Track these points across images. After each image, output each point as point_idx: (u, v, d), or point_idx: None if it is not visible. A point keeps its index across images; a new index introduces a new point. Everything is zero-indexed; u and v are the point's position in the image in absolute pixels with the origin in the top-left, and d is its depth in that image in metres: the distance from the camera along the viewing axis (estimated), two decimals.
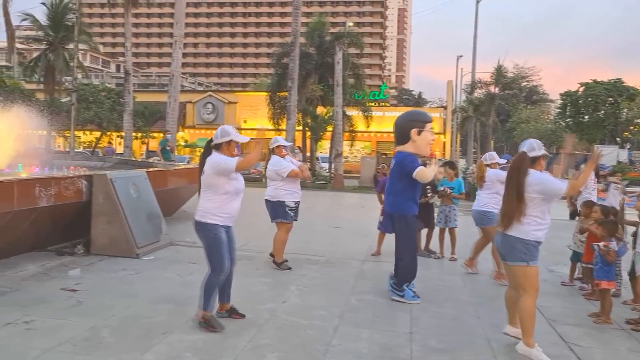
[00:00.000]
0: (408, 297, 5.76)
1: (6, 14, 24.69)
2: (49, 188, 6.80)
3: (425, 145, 5.83)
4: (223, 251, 4.68)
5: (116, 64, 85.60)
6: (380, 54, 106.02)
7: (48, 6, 35.38)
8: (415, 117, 6.00)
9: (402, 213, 5.83)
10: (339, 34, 29.80)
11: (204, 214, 4.66)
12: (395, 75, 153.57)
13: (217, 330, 4.59)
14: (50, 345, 4.15)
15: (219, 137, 4.70)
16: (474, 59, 37.43)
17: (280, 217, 7.10)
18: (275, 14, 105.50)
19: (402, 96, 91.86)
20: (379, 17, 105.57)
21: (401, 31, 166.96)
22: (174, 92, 21.27)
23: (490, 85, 48.44)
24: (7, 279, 6.00)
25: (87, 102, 34.09)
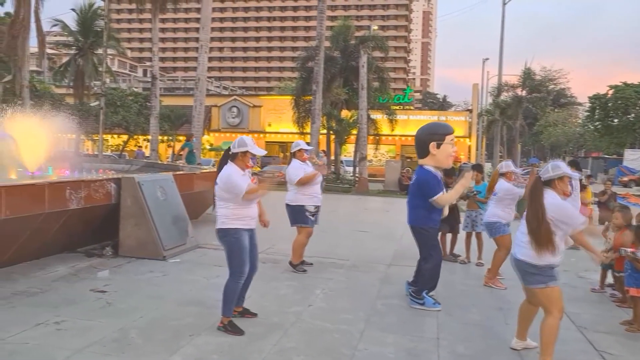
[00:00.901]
0: (429, 304, 5.68)
1: (37, 20, 25.18)
2: (79, 191, 6.92)
3: (445, 158, 5.72)
4: (244, 256, 4.72)
5: (143, 69, 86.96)
6: (405, 57, 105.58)
7: (78, 12, 36.11)
8: (434, 130, 5.87)
9: (422, 226, 5.73)
10: (364, 37, 29.76)
11: (224, 220, 4.70)
12: (420, 78, 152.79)
13: (237, 334, 4.62)
14: (81, 346, 4.22)
15: (236, 146, 4.74)
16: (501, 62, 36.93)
17: (300, 222, 7.09)
18: (300, 18, 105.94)
19: (427, 99, 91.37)
20: (404, 20, 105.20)
21: (426, 34, 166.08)
22: (200, 96, 21.47)
23: (518, 88, 47.86)
24: (38, 280, 6.12)
25: (115, 106, 34.67)
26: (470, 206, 8.21)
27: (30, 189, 6.37)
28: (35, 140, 12.25)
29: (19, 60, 24.56)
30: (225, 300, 4.70)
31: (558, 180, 4.21)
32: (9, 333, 4.40)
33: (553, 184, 4.22)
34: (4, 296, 5.42)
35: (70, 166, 13.51)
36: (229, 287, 4.71)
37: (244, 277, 4.76)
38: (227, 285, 4.72)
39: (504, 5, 37.43)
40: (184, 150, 18.20)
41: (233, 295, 4.74)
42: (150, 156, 25.82)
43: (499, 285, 6.75)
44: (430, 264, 5.74)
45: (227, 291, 4.71)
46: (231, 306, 4.74)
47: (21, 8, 23.83)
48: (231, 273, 4.72)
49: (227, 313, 4.72)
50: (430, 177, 5.62)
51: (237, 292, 4.79)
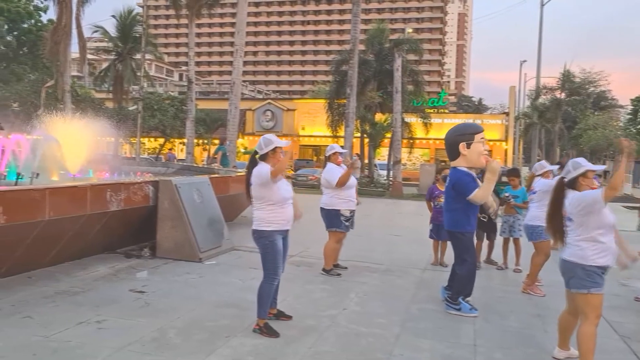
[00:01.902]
0: (465, 310, 5.59)
1: (78, 26, 25.93)
2: (119, 193, 7.08)
3: (477, 157, 5.62)
4: (278, 259, 4.75)
5: (179, 73, 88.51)
6: (440, 60, 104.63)
7: (117, 18, 37.01)
8: (462, 130, 5.81)
9: (459, 230, 5.65)
10: (398, 40, 29.64)
11: (259, 222, 4.73)
12: (455, 81, 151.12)
13: (273, 336, 4.64)
14: (121, 345, 4.31)
15: (263, 146, 4.75)
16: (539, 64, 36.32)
17: (334, 226, 7.06)
18: (334, 21, 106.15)
19: (462, 103, 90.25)
20: (439, 22, 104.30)
21: (461, 36, 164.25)
22: (235, 99, 21.71)
23: (556, 90, 46.85)
24: (79, 280, 6.28)
25: (152, 110, 35.36)
26: (507, 211, 8.07)
27: (73, 191, 6.55)
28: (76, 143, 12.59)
29: (61, 66, 25.35)
30: (260, 302, 4.74)
31: (582, 177, 4.16)
32: (53, 331, 4.53)
33: (577, 184, 4.16)
34: (47, 295, 5.58)
35: (109, 169, 13.82)
36: (264, 288, 4.75)
37: (277, 279, 4.80)
38: (261, 287, 4.76)
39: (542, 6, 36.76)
40: (218, 154, 18.43)
41: (268, 297, 4.78)
42: (186, 159, 26.25)
43: (537, 292, 6.59)
44: (465, 268, 5.66)
45: (262, 293, 4.75)
46: (266, 308, 4.77)
47: (63, 15, 24.59)
48: (265, 275, 4.76)
49: (263, 315, 4.75)
50: (463, 176, 5.56)
51: (271, 293, 4.83)
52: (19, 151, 11.58)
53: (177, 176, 10.06)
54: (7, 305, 5.15)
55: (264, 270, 4.77)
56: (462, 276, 5.67)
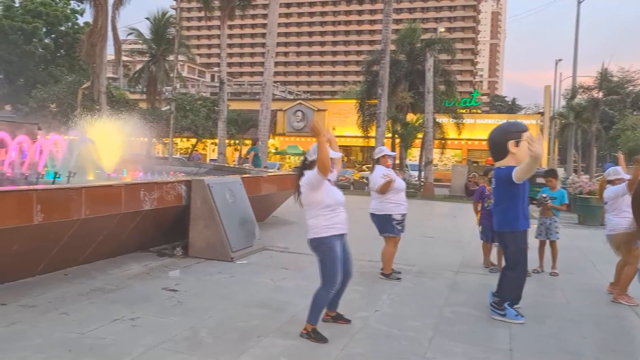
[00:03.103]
0: (510, 316, 5.43)
1: (114, 29, 26.44)
2: (153, 192, 7.16)
3: (526, 155, 5.51)
4: (337, 266, 4.61)
5: (211, 74, 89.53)
6: (472, 59, 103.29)
7: (151, 21, 37.63)
8: (509, 128, 5.65)
9: (511, 229, 5.46)
10: (430, 40, 29.37)
11: (315, 230, 4.61)
12: (488, 81, 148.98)
13: (320, 342, 4.56)
14: (154, 342, 4.35)
15: (312, 154, 4.70)
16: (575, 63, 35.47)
17: (388, 231, 6.97)
18: (365, 22, 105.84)
19: (495, 103, 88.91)
20: (471, 21, 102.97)
21: (494, 35, 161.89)
22: (266, 100, 21.82)
23: (594, 90, 45.70)
24: (114, 277, 6.37)
25: (185, 111, 35.81)
26: (544, 213, 7.86)
27: (107, 191, 6.65)
28: (111, 143, 12.83)
29: (97, 68, 25.87)
30: (314, 308, 4.63)
31: None
32: (88, 328, 4.60)
33: None
34: (83, 292, 5.68)
35: (142, 168, 14.04)
36: (320, 296, 4.62)
37: (336, 287, 4.64)
38: (318, 294, 4.63)
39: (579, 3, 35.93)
40: (250, 154, 18.55)
41: (323, 304, 4.67)
42: (217, 159, 26.50)
43: (630, 301, 6.22)
44: (516, 272, 5.47)
45: (317, 300, 4.62)
46: (318, 315, 4.65)
47: (99, 17, 25.08)
48: (324, 282, 4.62)
49: (313, 321, 4.64)
50: (505, 168, 5.36)
51: (327, 301, 4.72)
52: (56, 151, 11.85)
53: (209, 176, 10.14)
54: (44, 302, 5.25)
55: (322, 277, 4.63)
56: (511, 281, 5.47)
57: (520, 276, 5.50)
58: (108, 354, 4.10)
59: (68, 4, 41.60)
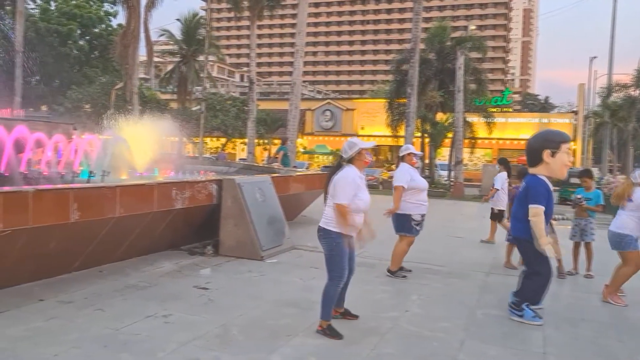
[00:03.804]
0: (528, 317, 5.33)
1: (146, 30, 26.91)
2: (184, 191, 7.26)
3: (560, 168, 5.32)
4: (344, 261, 4.69)
5: (240, 74, 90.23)
6: (504, 57, 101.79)
7: (182, 22, 38.14)
8: (548, 136, 5.51)
9: (528, 237, 5.34)
10: (461, 38, 29.08)
11: (328, 221, 4.69)
12: (520, 79, 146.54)
13: (336, 338, 4.60)
14: (186, 339, 4.41)
15: (348, 150, 4.72)
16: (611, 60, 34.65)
17: (405, 231, 6.95)
18: (394, 20, 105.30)
19: (527, 101, 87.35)
20: (503, 19, 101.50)
21: (526, 33, 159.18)
22: (295, 100, 21.90)
23: (630, 87, 44.49)
24: (146, 275, 6.48)
25: (215, 111, 36.23)
26: (579, 214, 7.69)
27: (141, 189, 6.77)
28: (143, 143, 13.03)
29: (129, 68, 26.35)
30: (324, 304, 4.70)
31: None
32: (123, 323, 4.69)
33: None
34: (117, 288, 5.79)
35: (173, 167, 14.23)
36: (328, 291, 4.70)
37: (343, 281, 4.74)
38: (326, 289, 4.72)
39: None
40: (279, 154, 18.64)
41: (332, 299, 4.73)
42: (247, 159, 26.72)
43: (619, 301, 6.18)
44: (539, 275, 5.36)
45: (326, 295, 4.71)
46: (330, 310, 4.73)
47: (132, 19, 25.54)
48: (330, 277, 4.71)
49: (326, 317, 4.71)
50: (541, 185, 5.26)
51: (336, 296, 4.78)
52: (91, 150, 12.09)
53: (240, 175, 10.22)
54: (80, 298, 5.37)
55: (329, 272, 4.72)
56: (532, 285, 5.37)
57: (544, 279, 5.37)
58: (142, 349, 4.17)
59: (102, 6, 42.50)
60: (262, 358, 4.15)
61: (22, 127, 8.98)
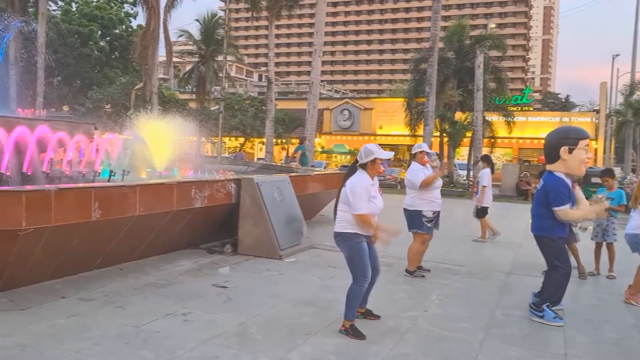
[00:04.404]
0: (548, 318, 5.27)
1: (165, 30, 27.14)
2: (203, 190, 7.31)
3: (577, 165, 5.27)
4: (365, 260, 4.68)
5: (258, 74, 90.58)
6: (524, 56, 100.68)
7: (201, 22, 38.40)
8: (566, 133, 5.44)
9: (548, 236, 5.31)
10: (480, 37, 28.83)
11: (343, 224, 4.69)
12: (540, 77, 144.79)
13: (359, 338, 4.58)
14: (206, 337, 4.44)
15: (363, 157, 4.72)
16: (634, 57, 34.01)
17: (416, 227, 6.92)
18: (412, 19, 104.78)
19: (547, 100, 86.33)
20: (523, 17, 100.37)
21: (547, 31, 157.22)
22: (313, 99, 21.90)
23: None
24: (166, 273, 6.54)
25: (233, 110, 36.38)
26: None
27: (161, 189, 6.82)
28: (162, 142, 13.14)
29: (149, 69, 26.60)
30: (349, 304, 4.68)
31: None
32: (143, 321, 4.74)
33: None
34: (137, 286, 5.85)
35: (192, 167, 14.33)
36: (353, 291, 4.68)
37: (367, 281, 4.71)
38: (351, 290, 4.69)
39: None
40: (297, 153, 18.66)
41: (357, 299, 4.71)
42: (265, 158, 26.80)
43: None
44: (556, 275, 5.33)
45: (351, 295, 4.68)
46: (354, 310, 4.71)
47: (152, 20, 25.77)
48: (354, 278, 4.69)
49: (350, 317, 4.69)
50: (560, 184, 5.20)
51: (361, 296, 4.76)
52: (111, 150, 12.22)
53: (258, 175, 10.25)
54: (101, 296, 5.44)
55: (353, 273, 4.70)
56: (552, 282, 5.34)
57: (562, 279, 5.33)
58: (162, 347, 4.21)
59: (122, 7, 42.98)
60: (281, 357, 4.15)
61: (45, 127, 9.09)
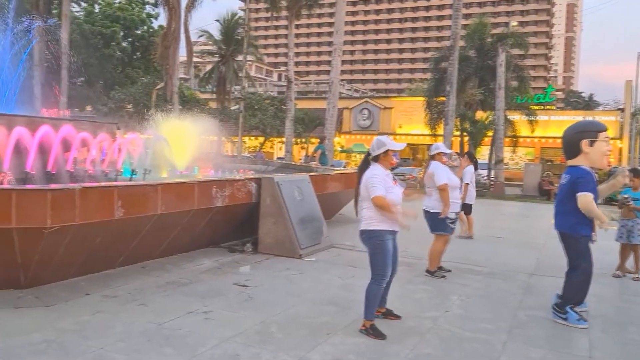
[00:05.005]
0: (572, 320, 5.20)
1: (186, 31, 27.39)
2: (224, 190, 7.35)
3: (600, 157, 5.21)
4: (387, 259, 4.67)
5: (278, 73, 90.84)
6: (546, 54, 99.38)
7: (221, 23, 38.63)
8: (585, 127, 5.41)
9: (572, 233, 5.23)
10: (502, 35, 28.52)
11: (368, 221, 4.68)
12: (563, 76, 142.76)
13: (379, 338, 4.57)
14: (227, 335, 4.46)
15: (375, 148, 4.73)
16: None
17: (439, 229, 6.87)
18: (432, 17, 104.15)
19: (570, 99, 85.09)
20: (545, 14, 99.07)
21: (570, 28, 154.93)
22: (333, 98, 21.89)
23: None
24: (187, 272, 6.59)
25: (253, 110, 36.52)
26: (626, 215, 7.43)
27: (182, 187, 6.88)
28: (183, 141, 13.25)
29: (170, 69, 26.86)
30: (368, 303, 4.67)
31: None
32: (165, 319, 4.78)
33: None
34: (159, 284, 5.91)
35: (213, 166, 14.42)
36: (372, 290, 4.67)
37: (385, 280, 4.72)
38: (369, 288, 4.69)
39: None
40: (317, 152, 18.64)
41: (376, 298, 4.70)
42: (284, 157, 26.87)
43: None
44: (578, 275, 5.24)
45: (370, 294, 4.67)
46: (373, 310, 4.70)
47: (173, 21, 26.03)
48: (374, 276, 4.69)
49: (370, 316, 4.68)
50: (585, 173, 5.14)
51: (379, 295, 4.75)
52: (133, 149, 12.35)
53: (278, 174, 10.27)
54: (124, 293, 5.50)
55: (372, 271, 4.70)
56: (574, 283, 5.27)
57: (584, 279, 5.24)
58: (184, 344, 4.24)
59: (143, 8, 43.41)
60: (301, 356, 4.16)
61: (69, 127, 9.24)
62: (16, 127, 8.33)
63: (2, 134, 8.18)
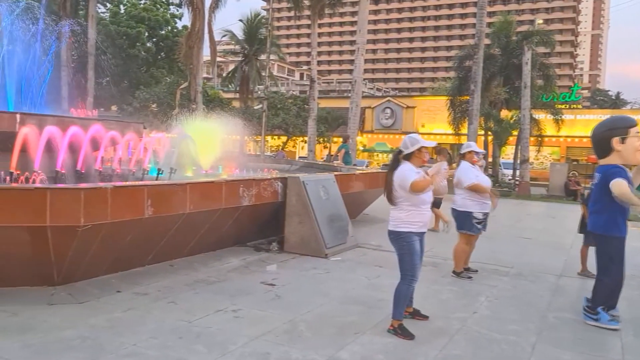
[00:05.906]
0: (603, 321, 5.12)
1: (210, 31, 27.60)
2: (251, 189, 7.40)
3: (633, 153, 5.10)
4: (415, 260, 4.68)
5: (300, 72, 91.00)
6: (572, 52, 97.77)
7: (244, 22, 38.87)
8: (614, 124, 5.29)
9: (607, 234, 5.14)
10: (527, 33, 28.20)
11: (397, 223, 4.69)
12: (589, 74, 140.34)
13: (408, 338, 4.57)
14: (256, 334, 4.50)
15: (409, 146, 4.71)
16: None
17: (465, 229, 6.81)
18: (455, 16, 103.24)
19: (597, 97, 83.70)
20: (571, 12, 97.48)
21: (596, 26, 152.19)
22: (356, 97, 21.87)
23: None
24: (215, 270, 6.66)
25: (276, 109, 36.69)
26: None
27: (210, 187, 6.95)
28: (207, 141, 13.37)
29: (193, 68, 27.09)
30: (396, 303, 4.69)
31: None
32: (195, 316, 4.85)
33: None
34: (188, 283, 5.98)
35: (237, 165, 14.52)
36: (401, 290, 4.69)
37: (415, 281, 4.73)
38: (398, 289, 4.71)
39: None
40: (340, 152, 18.64)
41: (404, 298, 4.72)
42: (307, 157, 26.92)
43: None
44: (608, 278, 5.16)
45: (398, 294, 4.69)
46: (402, 309, 4.71)
47: (197, 21, 26.24)
48: (403, 276, 4.71)
49: (398, 316, 4.69)
50: (622, 169, 5.05)
51: (408, 295, 4.77)
52: (159, 148, 12.51)
53: (303, 173, 10.31)
54: (154, 291, 5.59)
55: (401, 271, 4.72)
56: (605, 286, 5.19)
57: (616, 282, 5.15)
58: (215, 342, 4.30)
59: (168, 9, 43.90)
60: (330, 355, 4.18)
61: (98, 126, 9.41)
62: (46, 126, 8.51)
63: (33, 133, 8.36)
